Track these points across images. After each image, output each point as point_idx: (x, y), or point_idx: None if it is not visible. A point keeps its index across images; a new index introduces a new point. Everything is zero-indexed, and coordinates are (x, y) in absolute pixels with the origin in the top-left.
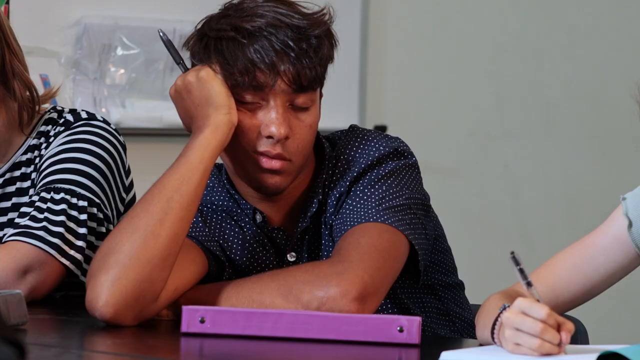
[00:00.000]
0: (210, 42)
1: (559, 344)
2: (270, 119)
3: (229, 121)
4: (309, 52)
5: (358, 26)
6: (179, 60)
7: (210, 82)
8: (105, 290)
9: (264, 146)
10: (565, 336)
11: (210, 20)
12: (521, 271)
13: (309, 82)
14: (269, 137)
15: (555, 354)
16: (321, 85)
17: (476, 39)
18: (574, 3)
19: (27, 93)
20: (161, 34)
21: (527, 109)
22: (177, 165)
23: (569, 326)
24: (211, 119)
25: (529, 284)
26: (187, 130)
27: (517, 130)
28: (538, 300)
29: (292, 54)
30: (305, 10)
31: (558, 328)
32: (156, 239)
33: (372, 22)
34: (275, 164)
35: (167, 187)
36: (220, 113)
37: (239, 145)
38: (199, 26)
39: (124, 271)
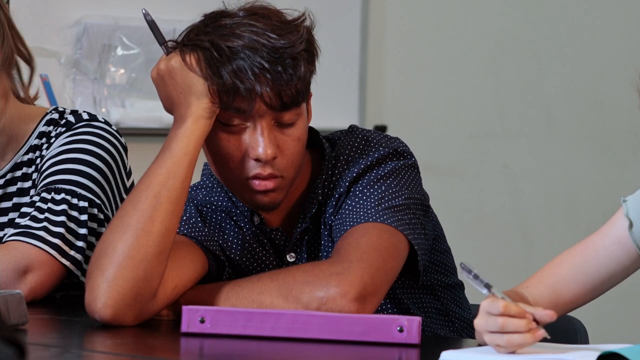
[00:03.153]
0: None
1: (531, 331)
2: (256, 142)
3: (210, 110)
4: (287, 72)
5: (358, 26)
6: (162, 42)
7: (193, 69)
8: (103, 292)
9: (254, 169)
10: (539, 314)
11: (189, 33)
12: (475, 277)
13: (291, 100)
14: (257, 159)
15: (531, 342)
16: (305, 97)
17: (476, 39)
18: (574, 3)
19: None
20: (144, 12)
21: (527, 109)
22: (162, 159)
23: (539, 310)
24: (193, 108)
25: (487, 286)
26: (168, 112)
27: (517, 130)
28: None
29: (269, 76)
30: (285, 18)
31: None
32: (148, 236)
33: (372, 22)
34: (269, 184)
35: (154, 182)
36: (202, 102)
37: (229, 170)
38: (179, 39)
39: (120, 271)
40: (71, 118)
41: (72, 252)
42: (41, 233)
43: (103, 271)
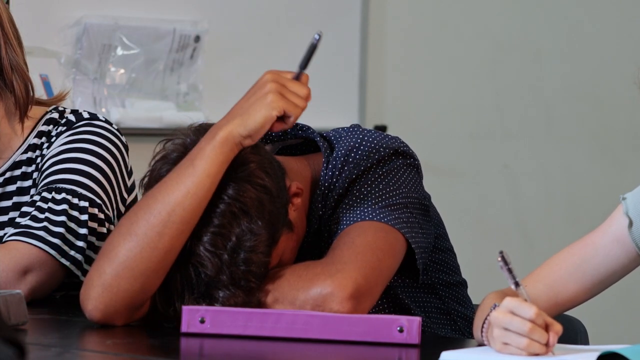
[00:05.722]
0: None
1: (547, 344)
2: None
3: (239, 142)
4: (251, 292)
5: (358, 26)
6: (303, 67)
7: (264, 107)
8: (96, 295)
9: None
10: (553, 337)
11: None
12: (509, 271)
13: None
14: None
15: (542, 354)
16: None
17: (476, 39)
18: (574, 3)
19: (24, 87)
20: (319, 34)
21: (527, 109)
22: (184, 174)
23: (557, 327)
24: (227, 127)
25: (516, 284)
26: None
27: (517, 130)
28: (526, 301)
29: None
30: (255, 208)
31: (546, 329)
32: (152, 252)
33: (372, 22)
34: None
35: (171, 197)
36: (235, 127)
37: None
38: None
39: (117, 280)
40: (72, 117)
41: (72, 252)
42: (41, 233)
43: (101, 273)
